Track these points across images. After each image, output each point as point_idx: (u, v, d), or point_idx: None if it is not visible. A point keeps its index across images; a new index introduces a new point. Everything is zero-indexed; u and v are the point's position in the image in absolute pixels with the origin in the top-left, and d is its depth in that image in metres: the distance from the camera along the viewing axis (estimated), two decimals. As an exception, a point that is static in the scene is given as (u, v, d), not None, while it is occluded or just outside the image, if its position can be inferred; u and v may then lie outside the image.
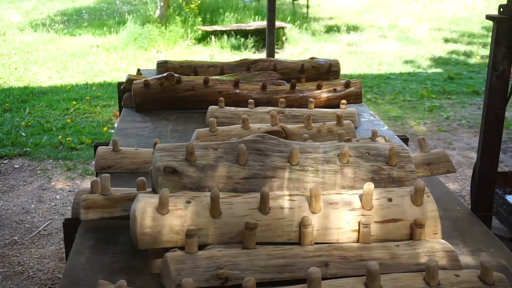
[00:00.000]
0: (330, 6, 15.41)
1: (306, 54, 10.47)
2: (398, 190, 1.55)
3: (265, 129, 2.26)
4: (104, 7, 14.52)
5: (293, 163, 1.61)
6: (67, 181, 4.76)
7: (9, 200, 4.41)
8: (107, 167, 2.06)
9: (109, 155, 2.09)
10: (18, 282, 3.33)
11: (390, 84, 8.42)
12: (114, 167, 2.07)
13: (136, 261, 1.45)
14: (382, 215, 1.48)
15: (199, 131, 2.24)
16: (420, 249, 1.42)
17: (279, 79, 3.04)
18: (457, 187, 4.79)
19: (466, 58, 10.36)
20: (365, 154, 1.68)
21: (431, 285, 1.23)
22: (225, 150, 1.61)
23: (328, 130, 2.29)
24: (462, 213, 1.82)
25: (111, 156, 2.08)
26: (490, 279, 1.26)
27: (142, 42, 10.66)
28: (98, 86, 8.08)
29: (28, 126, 6.13)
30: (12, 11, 13.88)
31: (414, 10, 14.13)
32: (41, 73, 8.82)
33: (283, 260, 1.35)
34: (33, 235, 3.87)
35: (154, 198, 1.39)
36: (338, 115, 2.33)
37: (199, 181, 1.55)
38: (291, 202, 1.46)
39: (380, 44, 11.46)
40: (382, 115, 6.73)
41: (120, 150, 2.11)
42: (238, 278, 1.29)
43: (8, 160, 5.20)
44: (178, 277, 1.26)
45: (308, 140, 2.05)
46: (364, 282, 1.22)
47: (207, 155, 1.58)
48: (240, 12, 12.14)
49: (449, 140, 5.99)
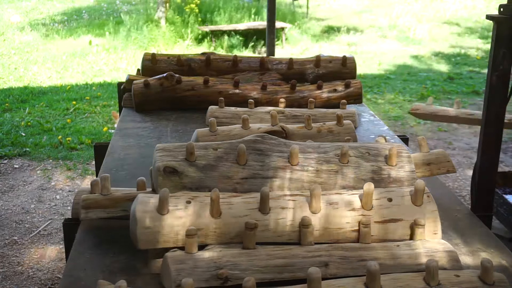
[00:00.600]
0: (330, 6, 15.41)
1: (306, 54, 10.46)
2: (398, 190, 1.55)
3: (265, 129, 2.25)
4: (104, 7, 14.52)
5: (293, 163, 1.62)
6: (67, 181, 4.76)
7: (9, 200, 4.41)
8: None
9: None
10: (18, 282, 3.33)
11: (390, 84, 8.42)
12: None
13: (136, 261, 1.45)
14: (382, 215, 1.48)
15: (199, 131, 2.24)
16: (420, 249, 1.42)
17: (278, 79, 3.04)
18: (457, 187, 4.79)
19: (466, 58, 10.36)
20: (365, 154, 1.69)
21: (431, 285, 1.23)
22: (225, 150, 1.61)
23: (328, 130, 2.29)
24: (462, 213, 1.82)
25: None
26: (490, 279, 1.26)
27: (142, 42, 10.66)
28: (98, 86, 8.08)
29: (28, 126, 6.13)
30: (12, 11, 13.88)
31: (414, 10, 14.13)
32: (41, 73, 8.82)
33: (283, 260, 1.35)
34: (33, 235, 3.87)
35: (154, 198, 1.39)
36: (338, 115, 2.33)
37: (199, 181, 1.55)
38: (291, 202, 1.46)
39: (380, 44, 11.46)
40: (382, 115, 6.73)
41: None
42: (238, 278, 1.29)
43: (8, 160, 5.20)
44: (178, 277, 1.26)
45: (308, 140, 2.05)
46: (364, 282, 1.22)
47: (207, 155, 1.58)
48: (240, 12, 12.14)
49: (449, 140, 5.99)
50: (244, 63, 3.12)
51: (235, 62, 3.09)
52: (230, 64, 3.10)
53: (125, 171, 2.10)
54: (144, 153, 2.29)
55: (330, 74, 3.08)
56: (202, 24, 11.59)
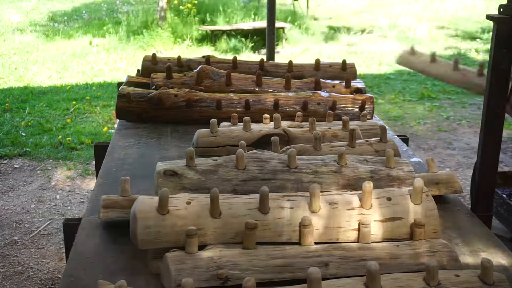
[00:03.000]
0: (330, 6, 15.40)
1: (306, 54, 10.47)
2: (397, 190, 1.55)
3: (266, 131, 2.21)
4: (104, 7, 14.52)
5: (291, 166, 1.67)
6: (67, 181, 4.76)
7: (9, 200, 4.41)
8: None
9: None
10: (18, 282, 3.33)
11: (390, 84, 8.42)
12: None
13: (136, 261, 1.45)
14: (382, 214, 1.48)
15: (200, 131, 2.24)
16: (420, 249, 1.42)
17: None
18: (457, 187, 4.78)
19: (466, 58, 10.37)
20: (363, 162, 1.73)
21: (431, 285, 1.23)
22: (225, 159, 1.68)
23: (333, 135, 2.21)
24: (462, 213, 1.82)
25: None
26: (490, 279, 1.26)
27: (142, 42, 10.67)
28: (98, 86, 8.08)
29: (28, 126, 6.13)
30: (12, 11, 13.88)
31: (414, 10, 14.13)
32: (41, 73, 8.82)
33: (283, 260, 1.35)
34: (33, 235, 3.87)
35: (154, 199, 1.39)
36: (344, 120, 2.25)
37: (198, 183, 1.59)
38: (291, 202, 1.46)
39: (380, 44, 11.46)
40: (382, 115, 6.73)
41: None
42: (238, 278, 1.29)
43: (8, 160, 5.20)
44: (178, 277, 1.26)
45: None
46: (364, 282, 1.22)
47: (207, 163, 1.67)
48: (240, 12, 12.14)
49: (449, 140, 5.99)
50: (243, 68, 3.08)
51: (235, 64, 3.09)
52: (230, 67, 3.09)
53: (125, 171, 2.10)
54: (144, 153, 2.29)
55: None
56: (202, 24, 11.60)
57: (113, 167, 2.13)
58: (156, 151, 2.31)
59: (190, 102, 2.60)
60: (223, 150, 2.19)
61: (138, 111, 2.64)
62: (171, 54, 10.19)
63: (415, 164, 2.12)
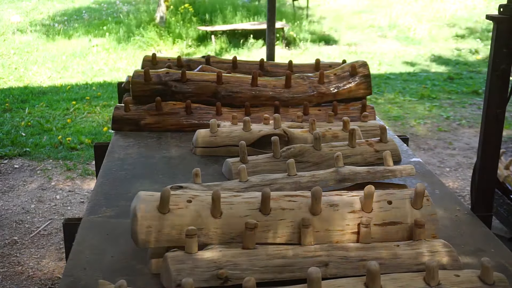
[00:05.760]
0: (330, 6, 15.40)
1: (306, 54, 10.47)
2: (398, 193, 1.55)
3: (266, 132, 2.21)
4: (104, 7, 14.52)
5: (290, 174, 1.75)
6: (67, 181, 4.76)
7: (9, 200, 4.41)
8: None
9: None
10: (18, 282, 3.33)
11: (390, 84, 8.42)
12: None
13: (136, 261, 1.45)
14: (382, 218, 1.48)
15: (200, 131, 2.24)
16: (420, 249, 1.42)
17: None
18: (457, 187, 4.79)
19: (466, 58, 10.36)
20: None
21: (431, 285, 1.23)
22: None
23: (333, 136, 2.21)
24: (462, 213, 1.82)
25: None
26: (490, 279, 1.26)
27: (142, 42, 10.66)
28: (98, 86, 8.08)
29: (28, 126, 6.13)
30: (12, 11, 13.87)
31: (414, 10, 14.12)
32: (41, 73, 8.82)
33: (283, 260, 1.35)
34: (33, 235, 3.87)
35: (155, 197, 1.39)
36: (344, 120, 2.24)
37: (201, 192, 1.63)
38: (292, 203, 1.46)
39: (380, 44, 11.46)
40: (382, 115, 6.73)
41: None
42: (238, 278, 1.29)
43: (8, 160, 5.20)
44: (178, 277, 1.26)
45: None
46: (364, 282, 1.22)
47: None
48: (239, 12, 12.14)
49: (449, 140, 5.99)
50: (243, 68, 3.06)
51: (235, 64, 3.07)
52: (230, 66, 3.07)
53: (125, 171, 2.10)
54: (144, 153, 2.29)
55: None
56: (202, 24, 11.59)
57: (113, 167, 2.13)
58: (156, 151, 2.31)
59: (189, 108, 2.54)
60: (223, 150, 2.19)
61: (135, 119, 2.55)
62: (171, 54, 10.19)
63: (415, 164, 2.12)
